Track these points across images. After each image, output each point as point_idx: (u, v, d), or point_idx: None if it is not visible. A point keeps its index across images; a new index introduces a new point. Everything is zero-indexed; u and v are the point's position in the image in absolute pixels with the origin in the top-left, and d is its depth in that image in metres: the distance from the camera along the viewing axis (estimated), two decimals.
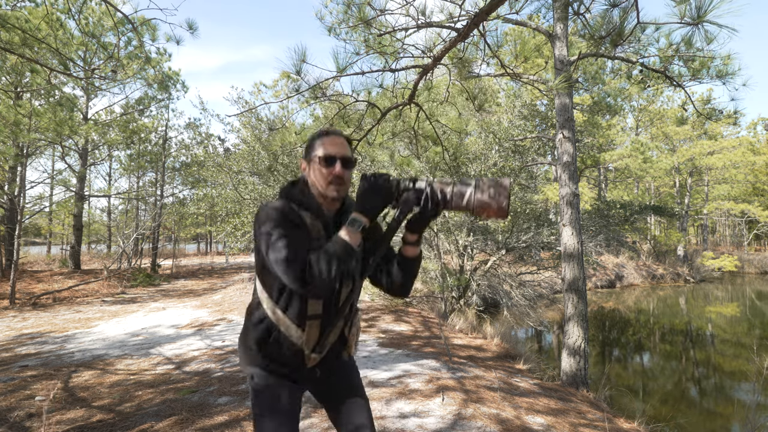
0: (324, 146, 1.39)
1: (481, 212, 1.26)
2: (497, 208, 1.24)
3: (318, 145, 1.40)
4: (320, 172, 1.38)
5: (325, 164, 1.37)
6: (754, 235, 32.51)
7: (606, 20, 3.01)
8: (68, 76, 7.71)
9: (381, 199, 1.29)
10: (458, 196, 1.27)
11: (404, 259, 1.44)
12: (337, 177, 1.37)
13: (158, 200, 17.46)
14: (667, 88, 16.50)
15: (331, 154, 1.38)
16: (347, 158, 1.40)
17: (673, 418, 5.85)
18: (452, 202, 1.28)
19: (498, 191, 1.23)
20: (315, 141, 1.42)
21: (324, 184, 1.38)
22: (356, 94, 4.05)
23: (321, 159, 1.37)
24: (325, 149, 1.38)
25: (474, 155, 10.36)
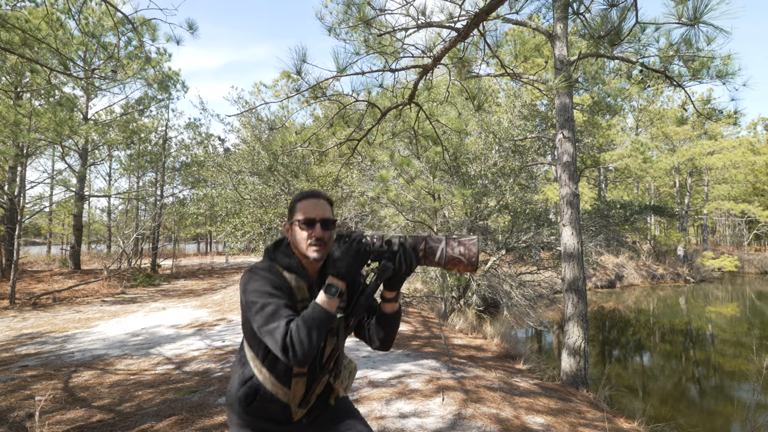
0: (304, 209, 1.43)
1: (452, 267, 1.33)
2: (467, 263, 1.31)
3: (298, 209, 1.44)
4: (300, 234, 1.41)
5: (306, 227, 1.41)
6: (754, 235, 32.51)
7: (605, 20, 3.01)
8: (68, 76, 7.71)
9: (357, 262, 1.31)
10: (431, 254, 1.33)
11: (384, 316, 1.47)
12: (318, 239, 1.41)
13: (158, 200, 17.47)
14: (667, 88, 16.50)
15: (310, 216, 1.41)
16: (327, 220, 1.43)
17: (673, 418, 5.85)
18: (425, 260, 1.33)
19: (467, 248, 1.31)
20: (296, 204, 1.46)
21: (305, 246, 1.41)
22: (356, 94, 4.05)
23: (301, 222, 1.41)
24: (305, 212, 1.42)
25: (474, 155, 10.36)
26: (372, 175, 11.26)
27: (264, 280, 1.34)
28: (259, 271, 1.36)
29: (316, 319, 1.25)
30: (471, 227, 10.27)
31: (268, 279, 1.34)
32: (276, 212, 12.88)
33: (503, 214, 11.33)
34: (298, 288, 1.40)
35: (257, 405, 1.40)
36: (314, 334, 1.23)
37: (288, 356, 1.22)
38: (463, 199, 9.55)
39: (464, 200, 9.70)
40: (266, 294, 1.31)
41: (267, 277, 1.35)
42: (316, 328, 1.23)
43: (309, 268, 1.46)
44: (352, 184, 12.76)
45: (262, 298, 1.30)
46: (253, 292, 1.32)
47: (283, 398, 1.40)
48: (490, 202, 10.44)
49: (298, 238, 1.43)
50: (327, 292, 1.28)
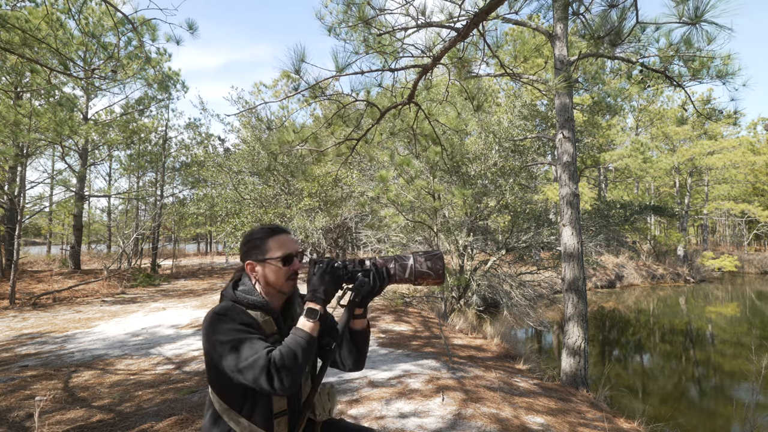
0: (280, 246, 1.42)
1: (421, 281, 1.41)
2: (435, 276, 1.40)
3: (272, 246, 1.42)
4: (279, 271, 1.41)
5: (284, 263, 1.41)
6: (754, 235, 32.52)
7: (605, 20, 3.01)
8: (68, 76, 7.71)
9: (333, 285, 1.33)
10: (401, 270, 1.41)
11: (354, 333, 1.47)
12: (295, 272, 1.43)
13: (158, 200, 17.47)
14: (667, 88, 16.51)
15: (288, 252, 1.42)
16: (300, 252, 1.47)
17: (673, 418, 5.85)
18: (396, 277, 1.41)
19: (434, 262, 1.40)
20: (266, 241, 1.43)
21: (282, 281, 1.42)
22: (356, 94, 4.05)
23: (280, 258, 1.41)
24: (282, 249, 1.42)
25: (474, 155, 10.36)
26: (372, 175, 11.26)
27: (230, 320, 1.30)
28: (224, 312, 1.32)
29: (300, 343, 1.23)
30: (471, 227, 10.27)
31: (234, 318, 1.30)
32: (276, 212, 12.89)
33: (503, 214, 11.33)
34: (265, 323, 1.38)
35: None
36: (300, 358, 1.22)
37: (273, 385, 1.19)
38: (463, 199, 9.55)
39: (464, 200, 9.70)
40: (236, 331, 1.27)
41: (232, 316, 1.31)
42: (302, 351, 1.22)
43: (273, 302, 1.44)
44: (352, 184, 12.76)
45: (232, 335, 1.26)
46: (222, 333, 1.27)
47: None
48: (490, 202, 10.44)
49: (274, 275, 1.41)
50: (308, 317, 1.28)
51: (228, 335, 1.26)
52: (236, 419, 1.32)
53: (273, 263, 1.41)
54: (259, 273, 1.43)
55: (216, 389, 1.36)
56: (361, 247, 24.74)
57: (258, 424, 1.32)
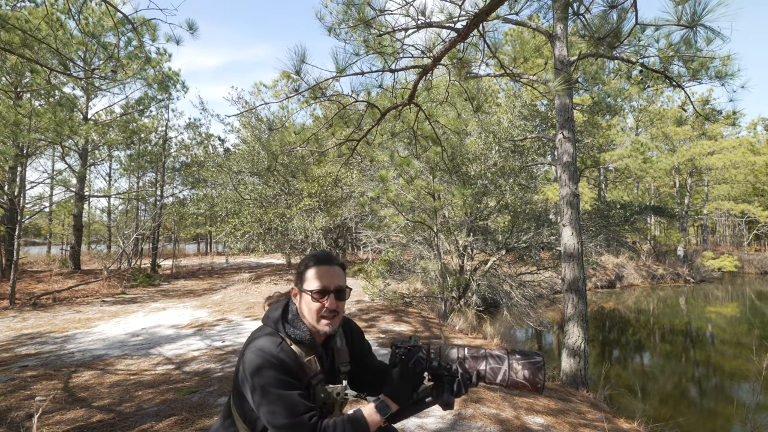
0: (317, 277, 1.32)
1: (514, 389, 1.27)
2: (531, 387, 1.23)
3: (310, 276, 1.33)
4: (312, 305, 1.31)
5: (318, 296, 1.31)
6: (754, 235, 32.53)
7: (605, 21, 3.01)
8: (68, 76, 7.71)
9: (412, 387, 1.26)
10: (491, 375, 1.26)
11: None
12: (330, 311, 1.32)
13: (158, 200, 17.47)
14: (667, 88, 16.51)
15: (324, 285, 1.31)
16: (341, 289, 1.34)
17: (673, 418, 5.85)
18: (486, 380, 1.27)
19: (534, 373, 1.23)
20: (307, 270, 1.35)
21: (315, 318, 1.32)
22: (356, 95, 4.05)
23: (314, 292, 1.31)
24: (318, 281, 1.32)
25: (474, 155, 10.37)
26: (372, 175, 11.26)
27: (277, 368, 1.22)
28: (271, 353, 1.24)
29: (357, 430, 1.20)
30: (471, 227, 10.27)
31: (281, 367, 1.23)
32: (276, 212, 12.88)
33: (503, 214, 11.34)
34: (309, 363, 1.32)
35: None
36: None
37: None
38: (463, 199, 9.56)
39: (464, 200, 9.71)
40: (281, 384, 1.21)
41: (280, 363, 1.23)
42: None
43: (317, 336, 1.36)
44: (352, 185, 12.76)
45: (277, 389, 1.20)
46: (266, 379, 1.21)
47: None
48: (490, 202, 10.44)
49: (308, 308, 1.32)
50: (378, 411, 1.23)
51: (271, 386, 1.20)
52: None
53: (308, 294, 1.32)
54: (298, 302, 1.36)
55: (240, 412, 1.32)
56: (361, 247, 24.72)
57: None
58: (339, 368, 1.42)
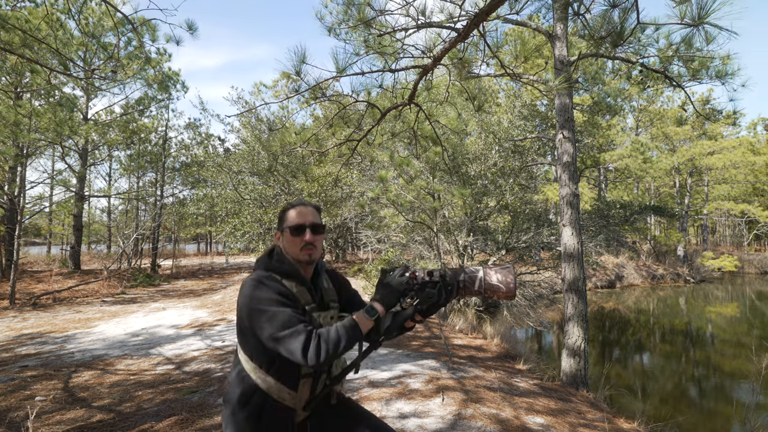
0: (293, 217, 1.51)
1: (491, 295, 1.41)
2: (506, 289, 1.39)
3: (288, 217, 1.52)
4: (292, 240, 1.49)
5: (296, 233, 1.48)
6: (754, 235, 32.53)
7: (606, 21, 3.01)
8: (68, 76, 7.71)
9: (399, 293, 1.39)
10: (470, 283, 1.41)
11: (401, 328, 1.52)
12: (308, 243, 1.48)
13: (158, 200, 17.46)
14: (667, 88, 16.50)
15: (300, 223, 1.49)
16: (315, 225, 1.52)
17: (673, 418, 5.85)
18: (465, 290, 1.41)
19: (505, 275, 1.39)
20: (285, 213, 1.54)
21: (297, 250, 1.48)
22: (356, 95, 4.05)
23: (291, 229, 1.49)
24: (294, 220, 1.50)
25: (474, 155, 10.36)
26: (372, 176, 11.26)
27: (269, 288, 1.36)
28: (262, 280, 1.39)
29: (349, 333, 1.31)
30: (471, 227, 10.27)
31: (273, 288, 1.37)
32: (276, 212, 12.88)
33: (503, 214, 11.33)
34: (300, 293, 1.45)
35: (265, 420, 1.40)
36: (342, 344, 1.29)
37: (307, 359, 1.25)
38: (463, 199, 9.55)
39: (464, 200, 9.70)
40: (275, 302, 1.33)
41: (272, 285, 1.38)
42: (346, 340, 1.30)
43: (303, 271, 1.51)
44: (352, 185, 12.76)
45: (273, 306, 1.32)
46: (261, 301, 1.33)
47: (290, 403, 1.42)
48: (490, 202, 10.44)
49: (290, 244, 1.49)
50: (367, 313, 1.35)
51: (267, 305, 1.33)
52: (264, 377, 1.40)
53: (287, 232, 1.50)
54: (281, 243, 1.53)
55: (246, 351, 1.43)
56: (361, 247, 24.71)
57: (285, 383, 1.41)
58: (329, 304, 1.56)
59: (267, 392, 1.40)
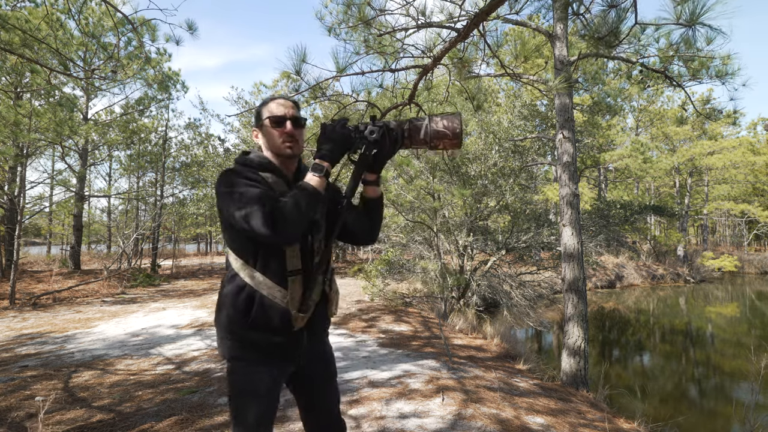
0: (273, 108, 1.44)
1: (438, 143, 1.35)
2: (452, 136, 1.33)
3: (266, 110, 1.45)
4: (272, 132, 1.43)
5: (276, 125, 1.42)
6: (754, 235, 32.52)
7: (605, 21, 3.01)
8: (68, 76, 7.72)
9: (341, 144, 1.35)
10: (415, 131, 1.35)
11: (367, 201, 1.51)
12: (289, 135, 1.42)
13: (158, 200, 17.46)
14: (667, 88, 16.50)
15: (280, 114, 1.43)
16: (297, 117, 1.45)
17: (673, 417, 5.85)
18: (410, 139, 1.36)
19: (451, 121, 1.33)
20: (264, 106, 1.47)
21: (278, 143, 1.43)
22: (356, 94, 4.05)
23: (271, 120, 1.42)
24: (274, 111, 1.44)
25: (474, 155, 10.35)
26: None
27: (238, 174, 1.34)
28: (235, 168, 1.37)
29: (305, 194, 1.27)
30: (471, 227, 10.27)
31: (243, 174, 1.35)
32: None
33: (503, 215, 11.33)
34: (276, 183, 1.41)
35: (256, 314, 1.34)
36: (303, 207, 1.25)
37: (276, 228, 1.22)
38: (463, 199, 9.55)
39: (464, 200, 9.70)
40: (243, 184, 1.30)
41: (241, 172, 1.36)
42: (306, 201, 1.26)
43: (284, 167, 1.46)
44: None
45: (240, 187, 1.29)
46: (230, 185, 1.30)
47: (281, 301, 1.36)
48: (490, 202, 10.43)
49: (269, 137, 1.44)
50: (314, 171, 1.31)
51: (235, 186, 1.29)
52: (252, 274, 1.36)
53: (267, 125, 1.43)
54: (261, 140, 1.48)
55: (232, 247, 1.40)
56: (361, 247, 24.68)
57: (272, 279, 1.35)
58: None
59: (256, 288, 1.35)
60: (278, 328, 1.37)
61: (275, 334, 1.37)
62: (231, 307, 1.37)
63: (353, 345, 5.65)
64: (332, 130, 1.35)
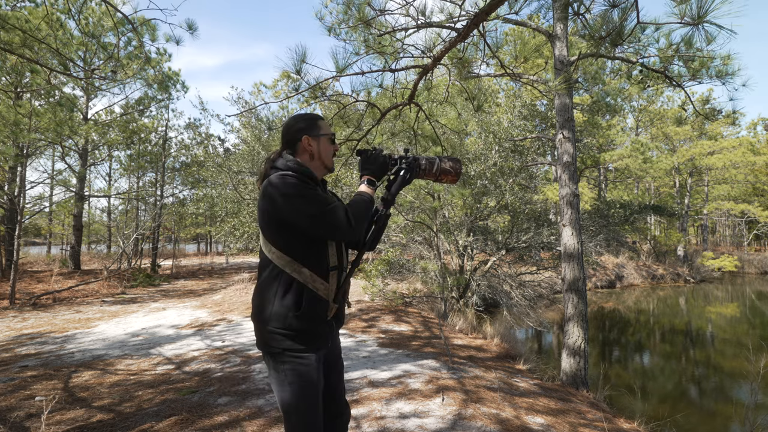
0: (327, 128, 1.71)
1: (443, 178, 1.77)
2: (454, 173, 1.77)
3: (323, 126, 1.69)
4: (327, 148, 1.69)
5: (331, 142, 1.71)
6: (754, 235, 32.51)
7: (606, 20, 3.01)
8: (68, 76, 7.72)
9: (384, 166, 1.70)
10: (429, 166, 1.75)
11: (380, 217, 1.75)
12: (335, 152, 1.73)
13: (158, 200, 17.46)
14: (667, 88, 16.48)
15: (334, 134, 1.72)
16: None
17: (673, 417, 5.85)
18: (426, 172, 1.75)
19: (455, 163, 1.77)
20: (318, 122, 1.69)
21: (330, 157, 1.71)
22: (356, 94, 4.05)
23: (328, 138, 1.69)
24: (329, 130, 1.71)
25: (474, 155, 10.36)
26: None
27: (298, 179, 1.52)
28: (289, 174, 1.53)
29: (366, 200, 1.59)
30: (471, 227, 10.27)
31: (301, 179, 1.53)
32: None
33: (503, 214, 11.33)
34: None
35: (306, 306, 1.49)
36: (366, 210, 1.57)
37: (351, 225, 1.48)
38: (463, 199, 9.55)
39: (464, 200, 9.70)
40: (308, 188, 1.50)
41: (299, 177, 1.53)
42: (366, 205, 1.58)
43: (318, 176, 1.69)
44: (352, 185, 12.75)
45: (308, 191, 1.48)
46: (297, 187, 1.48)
47: (323, 294, 1.53)
48: (489, 202, 10.43)
49: (326, 151, 1.69)
50: (369, 185, 1.65)
51: (302, 191, 1.48)
52: (299, 270, 1.50)
53: (325, 140, 1.68)
54: (314, 147, 1.66)
55: (280, 245, 1.52)
56: None
57: (319, 273, 1.53)
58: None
59: (304, 283, 1.49)
60: (321, 318, 1.54)
61: (320, 323, 1.54)
62: (281, 301, 1.49)
63: (353, 345, 5.65)
64: (375, 157, 1.68)
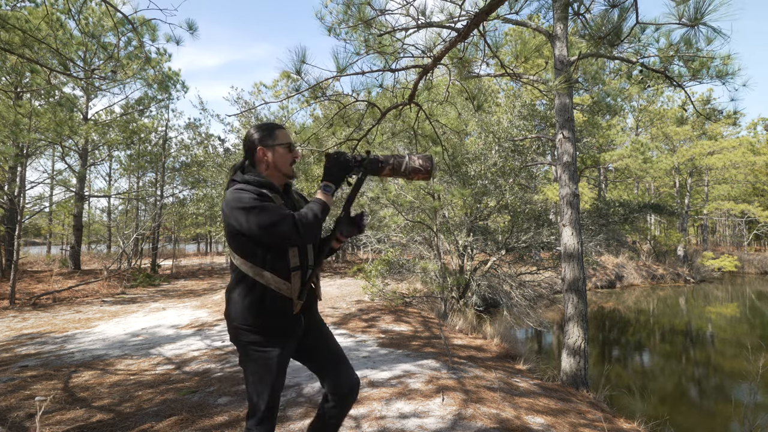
0: (284, 137, 1.76)
1: (414, 176, 1.73)
2: (425, 171, 1.71)
3: (279, 135, 1.75)
4: (285, 156, 1.76)
5: (289, 150, 1.77)
6: (754, 235, 32.52)
7: (606, 20, 3.01)
8: (68, 76, 7.71)
9: (345, 170, 1.72)
10: (397, 165, 1.72)
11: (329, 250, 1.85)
12: (294, 159, 1.79)
13: (158, 200, 17.46)
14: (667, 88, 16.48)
15: (291, 142, 1.78)
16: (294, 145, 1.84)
17: (673, 417, 5.85)
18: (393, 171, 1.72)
19: (425, 161, 1.71)
20: (275, 131, 1.76)
21: (287, 165, 1.77)
22: (356, 94, 4.05)
23: (286, 146, 1.75)
24: (287, 138, 1.77)
25: (474, 155, 10.35)
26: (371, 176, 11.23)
27: (251, 192, 1.59)
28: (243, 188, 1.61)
29: (319, 207, 1.61)
30: (471, 227, 10.27)
31: (253, 191, 1.60)
32: None
33: (503, 214, 11.33)
34: (275, 197, 1.67)
35: (269, 305, 1.63)
36: (319, 216, 1.59)
37: (300, 234, 1.53)
38: (463, 199, 9.55)
39: (464, 200, 9.70)
40: (259, 200, 1.57)
41: (252, 189, 1.61)
42: (320, 212, 1.60)
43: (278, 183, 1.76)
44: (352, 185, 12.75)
45: (257, 203, 1.56)
46: (250, 200, 1.56)
47: (286, 293, 1.65)
48: (489, 202, 10.43)
49: (282, 159, 1.75)
50: (324, 190, 1.67)
51: (255, 202, 1.56)
52: (261, 273, 1.62)
53: (280, 149, 1.74)
54: (269, 158, 1.74)
55: (241, 253, 1.64)
56: (361, 248, 24.67)
57: (280, 275, 1.64)
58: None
59: (266, 284, 1.62)
60: (284, 314, 1.67)
61: (282, 319, 1.67)
62: (244, 301, 1.63)
63: (353, 345, 5.65)
64: (336, 160, 1.70)
